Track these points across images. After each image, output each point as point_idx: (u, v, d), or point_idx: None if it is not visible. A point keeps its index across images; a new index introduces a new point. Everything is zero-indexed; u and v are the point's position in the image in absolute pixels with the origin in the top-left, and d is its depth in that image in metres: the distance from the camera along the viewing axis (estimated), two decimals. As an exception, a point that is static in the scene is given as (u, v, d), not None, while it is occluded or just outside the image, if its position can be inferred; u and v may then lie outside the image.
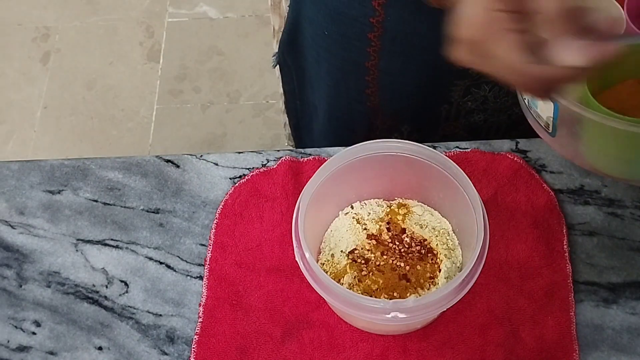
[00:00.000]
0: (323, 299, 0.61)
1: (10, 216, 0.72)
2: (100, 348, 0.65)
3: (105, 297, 0.68)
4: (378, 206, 0.68)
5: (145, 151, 1.77)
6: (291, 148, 0.75)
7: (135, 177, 0.74)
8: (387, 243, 0.65)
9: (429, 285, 0.63)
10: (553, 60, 0.42)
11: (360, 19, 0.72)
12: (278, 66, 0.93)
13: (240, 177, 0.73)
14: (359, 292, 0.63)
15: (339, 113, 0.86)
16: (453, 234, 0.66)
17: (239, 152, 0.75)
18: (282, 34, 0.88)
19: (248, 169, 0.74)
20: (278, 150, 0.75)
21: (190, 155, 0.75)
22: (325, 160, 0.63)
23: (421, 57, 0.75)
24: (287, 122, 1.02)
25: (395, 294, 0.63)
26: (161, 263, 0.69)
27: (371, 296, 0.62)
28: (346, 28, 0.75)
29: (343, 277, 0.64)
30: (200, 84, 1.87)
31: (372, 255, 0.65)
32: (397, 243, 0.65)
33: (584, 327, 0.64)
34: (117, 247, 0.70)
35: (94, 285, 0.68)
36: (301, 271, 0.59)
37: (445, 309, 0.57)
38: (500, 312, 0.64)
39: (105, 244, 0.70)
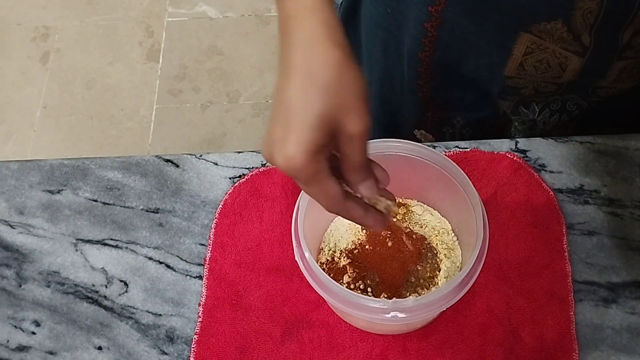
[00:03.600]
0: (323, 298, 0.61)
1: (10, 216, 0.72)
2: (99, 348, 0.65)
3: (105, 297, 0.68)
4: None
5: (145, 151, 1.78)
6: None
7: (134, 176, 0.74)
8: (386, 243, 0.65)
9: (429, 284, 0.63)
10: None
11: (419, 5, 0.71)
12: None
13: (239, 176, 0.73)
14: (359, 291, 0.63)
15: (392, 97, 0.85)
16: (453, 234, 0.66)
17: (239, 152, 0.75)
18: (341, 7, 0.86)
19: (248, 168, 0.74)
20: (278, 150, 0.75)
21: (190, 155, 0.75)
22: (325, 160, 0.63)
23: (475, 56, 0.74)
24: None
25: (394, 294, 0.63)
26: (161, 263, 0.69)
27: (371, 296, 0.62)
28: (407, 9, 0.73)
29: (343, 277, 0.64)
30: (199, 83, 1.87)
31: (372, 255, 0.65)
32: (397, 243, 0.65)
33: (583, 326, 0.64)
34: (116, 246, 0.70)
35: (93, 285, 0.68)
36: (301, 271, 0.59)
37: (445, 309, 0.57)
38: (500, 312, 0.64)
39: (105, 244, 0.70)
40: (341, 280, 0.64)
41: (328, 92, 0.46)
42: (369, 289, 0.63)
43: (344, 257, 0.65)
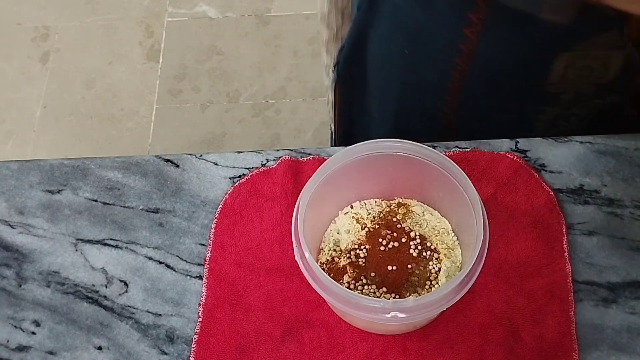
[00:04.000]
0: (323, 298, 0.61)
1: (10, 216, 0.72)
2: (99, 348, 0.65)
3: (105, 297, 0.68)
4: (377, 206, 0.68)
5: (145, 151, 1.78)
6: (291, 148, 0.75)
7: (134, 176, 0.74)
8: (386, 243, 0.65)
9: (429, 284, 0.63)
10: None
11: (448, 44, 0.70)
12: (333, 75, 0.90)
13: (239, 176, 0.73)
14: (359, 291, 0.63)
15: (410, 127, 0.83)
16: (453, 234, 0.66)
17: (239, 152, 0.75)
18: (344, 50, 0.85)
19: (247, 168, 0.74)
20: (277, 150, 0.75)
21: (190, 154, 0.75)
22: (325, 160, 0.63)
23: (509, 83, 0.73)
24: (334, 130, 0.98)
25: (394, 294, 0.63)
26: (161, 263, 0.69)
27: (371, 296, 0.62)
28: (430, 51, 0.72)
29: (343, 277, 0.64)
30: (199, 83, 1.87)
31: (372, 254, 0.65)
32: (397, 243, 0.65)
33: (583, 326, 0.64)
34: (116, 246, 0.70)
35: (93, 285, 0.68)
36: (301, 271, 0.59)
37: (445, 309, 0.57)
38: (500, 312, 0.64)
39: (105, 244, 0.70)
40: (341, 280, 0.64)
41: None
42: (369, 289, 0.63)
43: (344, 257, 0.65)
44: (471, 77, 0.73)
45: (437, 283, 0.63)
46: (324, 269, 0.64)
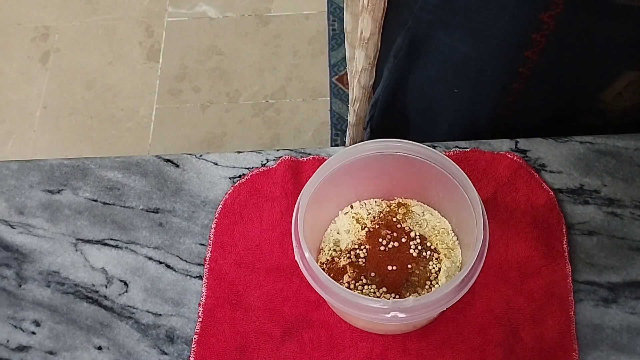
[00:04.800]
0: (323, 298, 0.61)
1: (10, 216, 0.72)
2: (99, 348, 0.66)
3: (105, 297, 0.68)
4: (377, 206, 0.68)
5: (145, 151, 1.78)
6: (291, 148, 0.75)
7: (134, 176, 0.74)
8: (386, 243, 0.65)
9: (429, 284, 0.63)
10: None
11: (505, 70, 0.69)
12: (367, 132, 0.87)
13: (239, 176, 0.73)
14: (359, 291, 0.63)
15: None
16: (453, 234, 0.66)
17: (239, 152, 0.75)
18: (378, 99, 0.82)
19: (247, 168, 0.74)
20: (277, 150, 0.75)
21: (190, 154, 0.75)
22: (325, 160, 0.63)
23: (564, 99, 0.72)
24: None
25: (394, 294, 0.63)
26: (161, 263, 0.69)
27: (371, 296, 0.62)
28: (484, 81, 0.71)
29: (343, 277, 0.64)
30: (199, 83, 1.87)
31: (372, 254, 0.65)
32: (397, 242, 0.65)
33: (583, 326, 0.64)
34: (116, 246, 0.70)
35: (93, 285, 0.68)
36: (301, 271, 0.59)
37: (445, 309, 0.57)
38: (500, 312, 0.64)
39: (105, 244, 0.71)
40: (341, 280, 0.64)
41: None
42: (369, 289, 0.63)
43: (344, 257, 0.65)
44: (527, 92, 0.72)
45: (437, 283, 0.63)
46: (324, 269, 0.64)
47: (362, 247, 0.65)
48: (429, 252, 0.65)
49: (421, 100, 0.79)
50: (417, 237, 0.66)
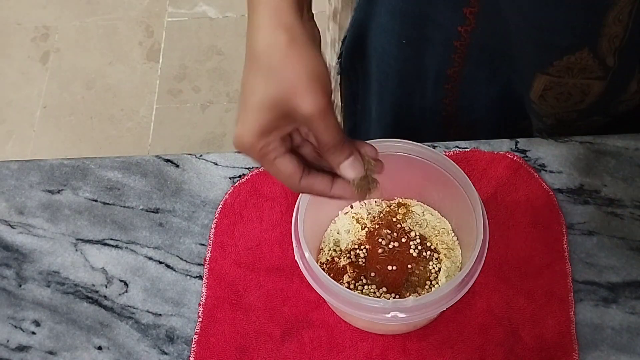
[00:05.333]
0: (323, 298, 0.61)
1: (10, 216, 0.72)
2: (99, 348, 0.65)
3: (105, 297, 0.68)
4: (377, 206, 0.68)
5: (145, 151, 1.77)
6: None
7: (134, 176, 0.74)
8: (386, 242, 0.65)
9: (429, 284, 0.63)
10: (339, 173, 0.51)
11: (447, 26, 0.70)
12: (339, 71, 0.89)
13: (239, 176, 0.73)
14: (359, 291, 0.63)
15: (409, 123, 0.83)
16: (453, 234, 0.66)
17: (239, 152, 0.75)
18: (346, 41, 0.84)
19: (247, 168, 0.74)
20: (278, 150, 0.75)
21: (190, 154, 0.75)
22: (325, 160, 0.63)
23: (509, 68, 0.73)
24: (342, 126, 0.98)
25: (394, 294, 0.63)
26: (161, 263, 0.69)
27: (371, 296, 0.62)
28: (430, 34, 0.72)
29: (343, 277, 0.64)
30: (199, 83, 1.87)
31: (372, 254, 0.65)
32: (397, 243, 0.65)
33: (583, 326, 0.64)
34: (116, 246, 0.70)
35: (93, 285, 0.68)
36: (301, 271, 0.59)
37: (445, 309, 0.57)
38: (500, 312, 0.64)
39: (105, 244, 0.70)
40: (341, 280, 0.64)
41: (271, 76, 0.47)
42: (369, 289, 0.63)
43: (344, 257, 0.65)
44: (470, 61, 0.73)
45: (437, 283, 0.63)
46: (324, 269, 0.63)
47: (362, 247, 0.65)
48: (429, 252, 0.65)
49: (377, 48, 0.79)
50: (417, 237, 0.66)
